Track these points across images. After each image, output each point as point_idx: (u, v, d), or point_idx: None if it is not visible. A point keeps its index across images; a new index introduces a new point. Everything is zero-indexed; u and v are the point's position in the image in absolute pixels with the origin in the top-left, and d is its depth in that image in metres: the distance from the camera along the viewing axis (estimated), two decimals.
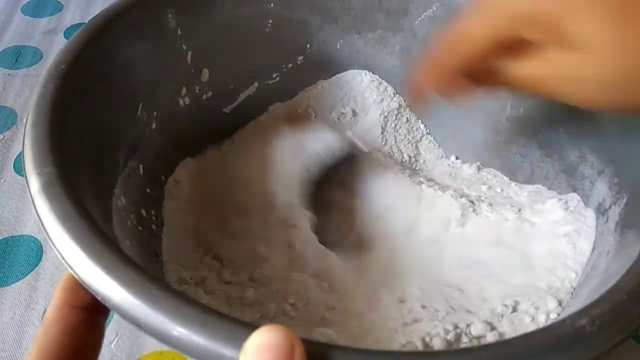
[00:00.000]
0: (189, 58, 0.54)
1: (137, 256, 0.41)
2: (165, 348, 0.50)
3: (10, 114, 0.72)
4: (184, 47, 0.53)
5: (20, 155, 0.64)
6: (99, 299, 0.30)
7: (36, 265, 0.57)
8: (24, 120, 0.69)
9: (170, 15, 0.51)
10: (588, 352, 0.29)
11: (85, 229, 0.31)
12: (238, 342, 0.26)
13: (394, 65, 0.62)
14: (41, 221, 0.32)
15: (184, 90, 0.55)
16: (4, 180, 0.64)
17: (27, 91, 0.75)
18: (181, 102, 0.55)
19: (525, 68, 0.39)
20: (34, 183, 0.33)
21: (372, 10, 0.59)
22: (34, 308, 0.53)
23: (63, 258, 0.31)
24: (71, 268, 0.30)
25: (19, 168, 0.65)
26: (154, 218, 0.49)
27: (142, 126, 0.50)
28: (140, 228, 0.46)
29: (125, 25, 0.47)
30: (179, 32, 0.52)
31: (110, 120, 0.45)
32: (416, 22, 0.59)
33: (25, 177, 0.34)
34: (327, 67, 0.62)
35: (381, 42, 0.61)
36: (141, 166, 0.49)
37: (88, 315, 0.32)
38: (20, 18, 0.87)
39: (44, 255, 0.57)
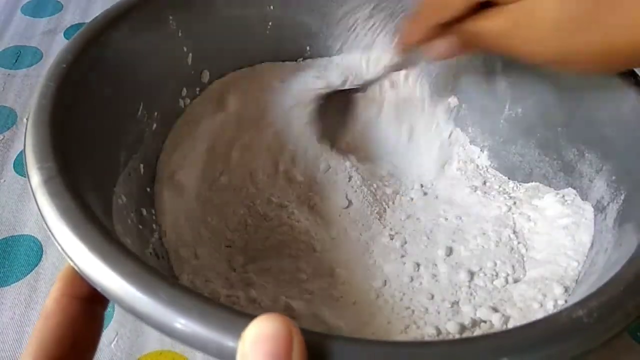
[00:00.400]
0: (189, 59, 0.54)
1: (137, 255, 0.41)
2: (165, 347, 0.50)
3: (10, 114, 0.72)
4: (185, 49, 0.54)
5: (21, 155, 0.64)
6: (99, 290, 0.30)
7: (36, 265, 0.57)
8: (24, 120, 0.70)
9: (171, 17, 0.51)
10: (585, 344, 0.29)
11: (85, 222, 0.32)
12: (237, 332, 0.26)
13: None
14: (42, 214, 0.33)
15: (184, 91, 0.55)
16: (4, 180, 0.64)
17: (27, 91, 0.75)
18: (181, 102, 0.55)
19: (484, 25, 0.43)
20: (35, 177, 0.34)
21: (372, 12, 0.59)
22: (34, 308, 0.53)
23: (63, 250, 0.31)
24: (72, 260, 0.31)
25: (19, 168, 0.65)
26: (154, 217, 0.49)
27: (142, 126, 0.50)
28: (141, 227, 0.46)
29: (126, 26, 0.47)
30: (180, 33, 0.52)
31: (111, 120, 0.45)
32: None
33: (26, 171, 0.35)
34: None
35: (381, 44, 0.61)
36: (142, 165, 0.49)
37: (87, 306, 0.33)
38: (20, 18, 0.87)
39: (44, 255, 0.57)
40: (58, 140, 0.36)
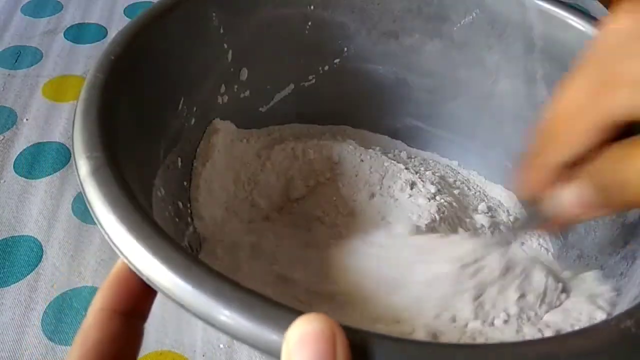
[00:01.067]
0: (229, 57, 0.54)
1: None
2: (164, 348, 0.50)
3: (10, 114, 0.71)
4: (225, 46, 0.54)
5: (21, 155, 0.65)
6: (144, 279, 0.30)
7: (36, 266, 0.56)
8: (24, 120, 0.70)
9: (214, 14, 0.51)
10: (633, 354, 0.29)
11: (133, 213, 0.31)
12: (281, 326, 0.26)
13: (430, 71, 0.61)
14: (89, 204, 0.32)
15: (222, 87, 0.55)
16: (4, 181, 0.63)
17: (27, 91, 0.75)
18: (220, 99, 0.55)
19: (632, 167, 0.29)
20: (83, 166, 0.34)
21: (410, 15, 0.59)
22: (34, 308, 0.53)
23: (111, 240, 0.31)
24: (119, 250, 0.31)
25: (19, 168, 0.65)
26: (189, 210, 0.50)
27: (182, 120, 0.50)
28: (177, 220, 0.46)
29: (171, 21, 0.48)
30: (222, 30, 0.53)
31: (153, 113, 0.45)
32: (455, 29, 0.58)
33: (74, 160, 0.35)
34: (363, 70, 0.62)
35: (419, 48, 0.61)
36: (180, 159, 0.49)
37: (127, 321, 0.32)
38: (20, 18, 0.87)
39: (44, 256, 0.57)
40: (105, 130, 0.36)
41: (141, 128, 0.43)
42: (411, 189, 0.55)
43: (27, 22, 0.86)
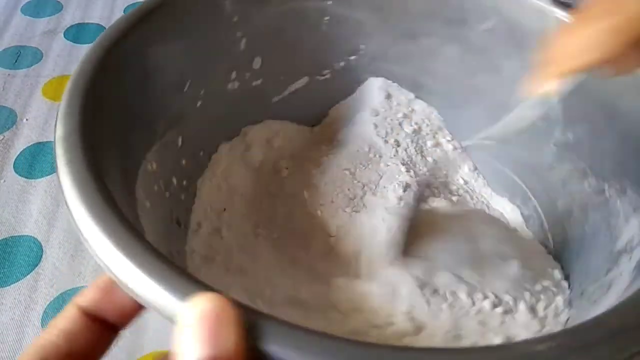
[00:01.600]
0: (242, 44, 0.54)
1: (158, 220, 0.43)
2: (165, 348, 0.51)
3: (10, 114, 0.71)
4: (239, 34, 0.54)
5: (21, 155, 0.65)
6: (105, 271, 0.30)
7: (36, 266, 0.56)
8: (24, 120, 0.70)
9: (226, 2, 0.51)
10: (614, 354, 0.28)
11: (101, 203, 0.31)
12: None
13: (445, 75, 0.61)
14: (57, 169, 0.33)
15: (233, 74, 0.55)
16: (4, 181, 0.64)
17: (27, 91, 0.75)
18: (230, 85, 0.55)
19: None
20: (59, 129, 0.35)
21: (430, 17, 0.58)
22: (33, 308, 0.53)
23: (79, 230, 0.31)
24: (83, 237, 0.31)
25: (19, 168, 0.65)
26: (183, 188, 0.51)
27: (187, 101, 0.50)
28: (167, 194, 0.47)
29: (180, 5, 0.48)
30: (235, 18, 0.52)
31: (152, 91, 0.45)
32: (473, 34, 0.57)
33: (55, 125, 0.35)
34: (378, 69, 0.62)
35: (435, 50, 0.60)
36: (180, 138, 0.50)
37: (100, 326, 0.31)
38: (20, 18, 0.87)
39: (43, 256, 0.57)
40: (88, 99, 0.37)
41: (138, 105, 0.43)
42: (404, 191, 0.55)
43: (27, 22, 0.86)
